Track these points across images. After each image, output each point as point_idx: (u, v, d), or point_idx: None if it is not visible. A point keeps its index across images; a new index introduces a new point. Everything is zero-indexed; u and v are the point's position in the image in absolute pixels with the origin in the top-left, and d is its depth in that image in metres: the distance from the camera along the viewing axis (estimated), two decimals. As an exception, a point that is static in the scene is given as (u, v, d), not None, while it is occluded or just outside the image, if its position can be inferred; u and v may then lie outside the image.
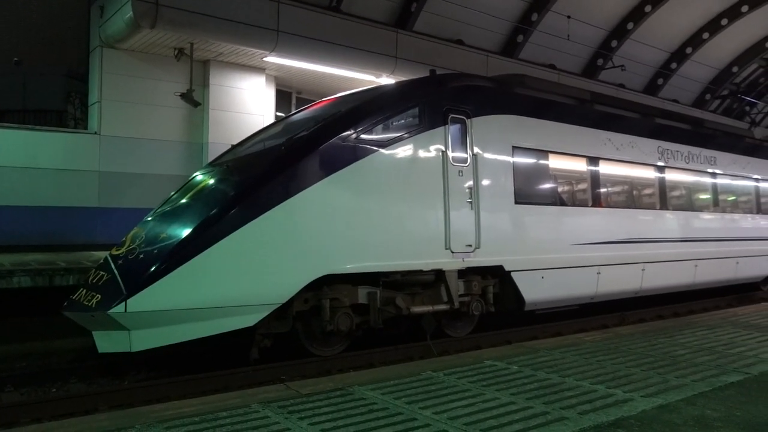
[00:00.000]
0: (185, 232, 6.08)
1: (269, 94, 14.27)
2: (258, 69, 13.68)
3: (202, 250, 5.91)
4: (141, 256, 6.09)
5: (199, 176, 7.53)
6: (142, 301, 5.68)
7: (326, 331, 6.82)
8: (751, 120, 22.57)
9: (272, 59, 13.10)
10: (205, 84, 13.26)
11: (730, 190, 12.97)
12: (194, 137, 13.33)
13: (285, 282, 6.33)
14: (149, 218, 6.94)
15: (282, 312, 6.54)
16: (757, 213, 13.53)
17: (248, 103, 13.65)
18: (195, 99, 12.62)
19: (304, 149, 6.67)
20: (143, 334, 5.86)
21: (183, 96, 12.48)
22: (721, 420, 3.57)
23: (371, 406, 3.81)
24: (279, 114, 14.28)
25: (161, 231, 6.36)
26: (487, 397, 3.99)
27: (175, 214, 6.64)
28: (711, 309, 11.76)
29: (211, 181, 7.11)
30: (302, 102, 14.46)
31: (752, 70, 25.86)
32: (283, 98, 15.02)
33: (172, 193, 7.49)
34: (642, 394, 4.08)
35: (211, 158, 10.83)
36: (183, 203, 6.82)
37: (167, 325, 5.89)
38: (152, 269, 5.81)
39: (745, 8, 21.02)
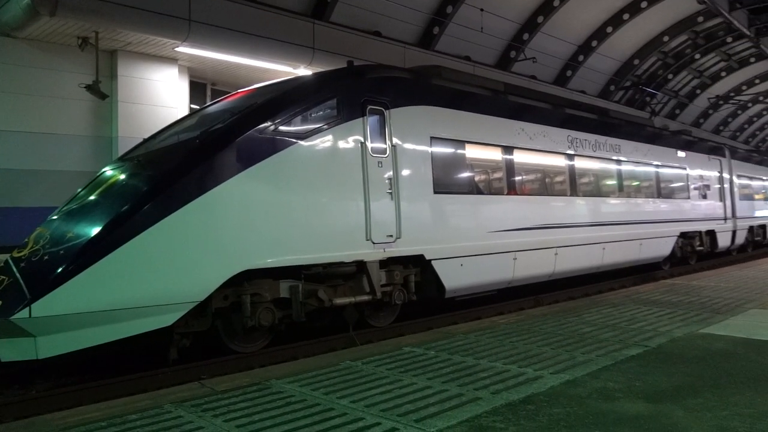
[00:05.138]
0: (94, 230, 5.80)
1: (182, 86, 13.80)
2: (170, 59, 13.19)
3: (113, 249, 5.65)
4: (46, 257, 5.77)
5: (108, 172, 7.20)
6: (48, 305, 5.37)
7: (248, 327, 6.73)
8: (652, 110, 24.09)
9: (184, 49, 12.66)
10: (113, 75, 12.64)
11: (633, 176, 13.80)
12: (102, 131, 12.69)
13: (202, 279, 6.18)
14: (54, 217, 6.58)
15: (201, 310, 6.39)
16: (658, 197, 14.48)
17: (160, 95, 13.14)
18: (102, 91, 12.02)
19: (219, 142, 6.51)
20: (51, 340, 5.55)
21: (89, 88, 11.85)
22: (621, 391, 3.82)
23: (288, 398, 3.80)
24: (193, 106, 13.85)
25: (68, 230, 6.04)
26: (404, 383, 4.08)
27: (82, 212, 6.32)
28: (617, 288, 12.52)
29: (122, 177, 6.81)
30: (217, 93, 14.11)
31: (652, 63, 27.57)
32: (197, 90, 14.55)
33: (79, 189, 7.13)
34: (551, 371, 4.29)
35: (121, 153, 10.36)
36: (91, 200, 6.51)
37: (77, 329, 5.61)
38: (59, 271, 5.51)
39: (644, 4, 22.38)
